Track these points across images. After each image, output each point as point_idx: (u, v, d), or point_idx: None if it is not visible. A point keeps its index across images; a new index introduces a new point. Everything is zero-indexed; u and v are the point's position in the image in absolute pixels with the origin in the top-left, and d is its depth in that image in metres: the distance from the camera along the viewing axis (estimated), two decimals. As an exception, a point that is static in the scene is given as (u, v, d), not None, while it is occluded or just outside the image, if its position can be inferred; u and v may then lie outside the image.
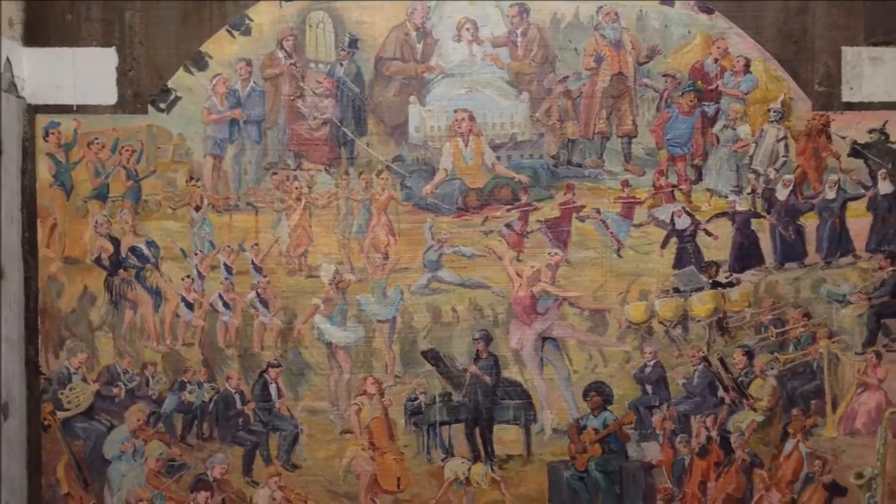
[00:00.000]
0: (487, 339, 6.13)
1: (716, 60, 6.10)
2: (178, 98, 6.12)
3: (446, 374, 6.16)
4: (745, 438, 6.07)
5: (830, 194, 6.11)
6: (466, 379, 6.14)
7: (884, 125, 6.05)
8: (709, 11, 6.07)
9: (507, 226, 6.15)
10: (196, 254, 6.15)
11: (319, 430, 6.14)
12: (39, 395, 6.10)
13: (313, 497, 6.12)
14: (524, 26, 6.10)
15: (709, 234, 6.14)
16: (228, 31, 6.10)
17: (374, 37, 6.12)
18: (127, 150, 6.13)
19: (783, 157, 6.12)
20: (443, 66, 6.14)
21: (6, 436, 5.74)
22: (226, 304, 6.16)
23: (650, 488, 6.11)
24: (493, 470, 6.12)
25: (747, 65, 6.09)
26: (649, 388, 6.13)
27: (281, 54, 6.13)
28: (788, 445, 6.07)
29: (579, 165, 6.15)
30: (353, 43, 6.11)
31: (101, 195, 6.15)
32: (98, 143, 6.12)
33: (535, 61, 6.13)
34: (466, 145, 6.14)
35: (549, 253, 6.13)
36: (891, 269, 6.06)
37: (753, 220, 6.14)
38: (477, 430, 6.15)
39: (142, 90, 6.11)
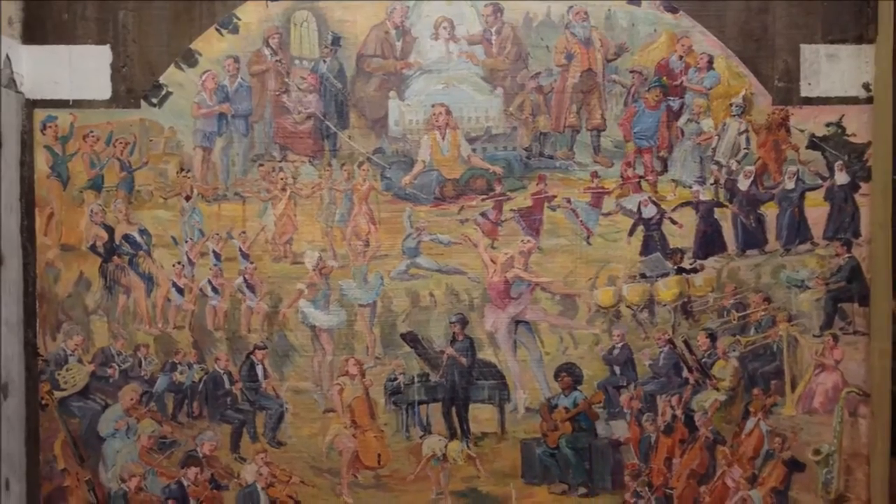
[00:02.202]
0: (463, 322, 6.28)
1: (680, 57, 6.24)
2: (169, 93, 6.25)
3: (424, 356, 6.31)
4: (708, 417, 6.22)
5: (790, 185, 6.25)
6: (443, 360, 6.29)
7: (840, 119, 6.20)
8: (674, 11, 6.22)
9: (482, 215, 6.28)
10: (186, 241, 6.29)
11: (304, 409, 6.29)
12: (37, 375, 6.25)
13: (298, 472, 6.27)
14: (498, 25, 6.25)
15: (674, 222, 6.27)
16: (217, 29, 6.25)
17: (356, 35, 6.25)
18: (120, 143, 6.26)
19: (745, 149, 6.26)
20: (421, 63, 6.28)
21: (6, 414, 5.90)
22: (214, 289, 6.31)
23: (618, 464, 6.27)
24: (468, 447, 6.28)
25: (710, 61, 6.23)
26: (617, 369, 6.28)
27: (267, 51, 6.29)
28: (749, 423, 6.22)
29: (551, 157, 6.29)
30: (336, 41, 6.26)
31: (96, 185, 6.29)
32: (93, 136, 6.25)
33: (508, 58, 6.27)
34: (443, 138, 6.29)
35: (522, 240, 6.27)
36: (847, 255, 6.20)
37: (716, 210, 6.26)
38: (453, 409, 6.30)
39: (135, 86, 6.24)
